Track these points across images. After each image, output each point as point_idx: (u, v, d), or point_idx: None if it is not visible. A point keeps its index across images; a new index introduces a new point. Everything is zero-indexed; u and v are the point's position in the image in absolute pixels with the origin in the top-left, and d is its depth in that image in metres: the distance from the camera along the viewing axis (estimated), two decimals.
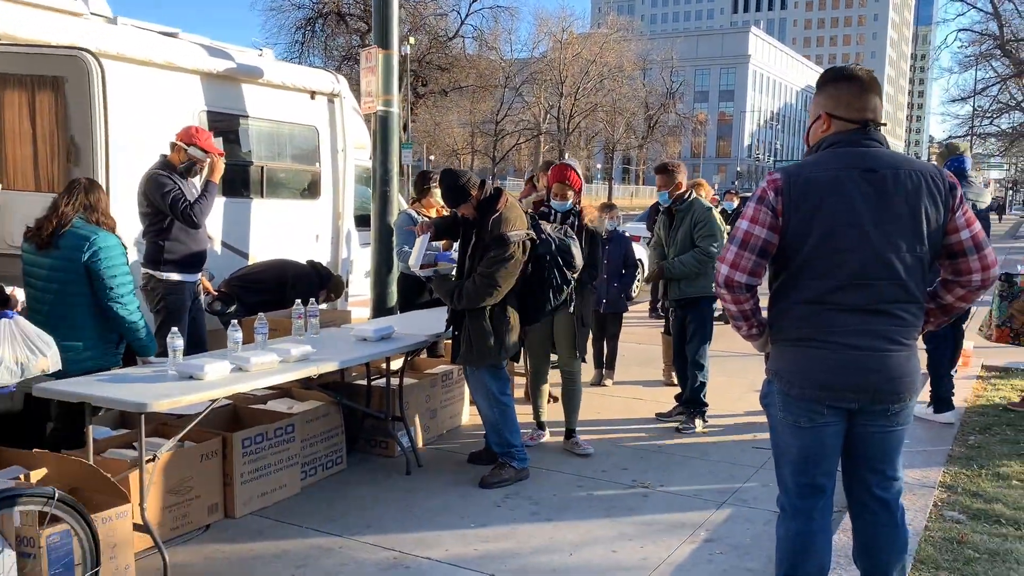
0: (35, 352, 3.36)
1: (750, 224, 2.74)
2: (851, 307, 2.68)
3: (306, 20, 35.28)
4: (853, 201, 2.65)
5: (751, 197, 2.82)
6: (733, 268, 2.77)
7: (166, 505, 3.89)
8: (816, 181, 2.69)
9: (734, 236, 2.79)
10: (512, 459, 4.82)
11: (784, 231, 2.71)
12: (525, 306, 4.83)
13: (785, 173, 2.75)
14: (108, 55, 5.26)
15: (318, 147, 7.40)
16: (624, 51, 50.75)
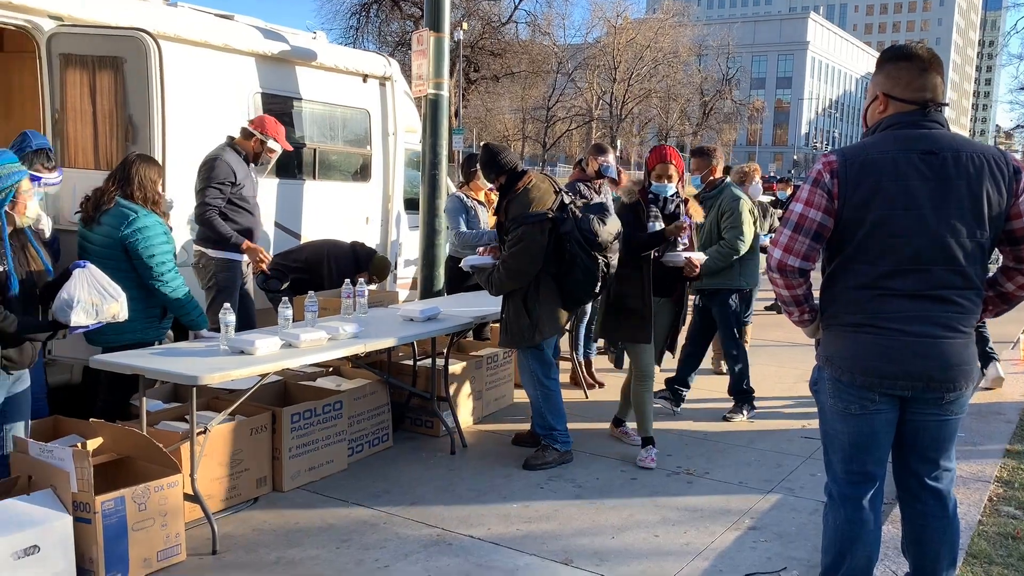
0: (107, 297, 3.50)
1: (804, 207, 2.69)
2: (906, 293, 2.61)
3: (361, 5, 35.50)
4: (910, 184, 2.58)
5: (805, 179, 2.75)
6: (786, 252, 2.72)
7: (216, 477, 3.97)
8: (873, 163, 2.62)
9: (787, 219, 2.73)
10: (555, 442, 4.81)
11: (839, 214, 2.65)
12: (562, 288, 4.70)
13: (841, 155, 2.68)
14: (166, 36, 5.35)
15: (369, 130, 7.45)
16: (679, 36, 50.08)
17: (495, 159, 4.71)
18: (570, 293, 4.72)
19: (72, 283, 3.45)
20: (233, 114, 6.05)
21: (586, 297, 4.80)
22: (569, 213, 4.62)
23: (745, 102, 63.85)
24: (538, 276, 4.62)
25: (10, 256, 3.30)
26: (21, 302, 3.33)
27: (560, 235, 4.58)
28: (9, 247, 3.30)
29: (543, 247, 4.55)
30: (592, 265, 4.61)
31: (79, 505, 3.22)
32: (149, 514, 3.37)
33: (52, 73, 5.06)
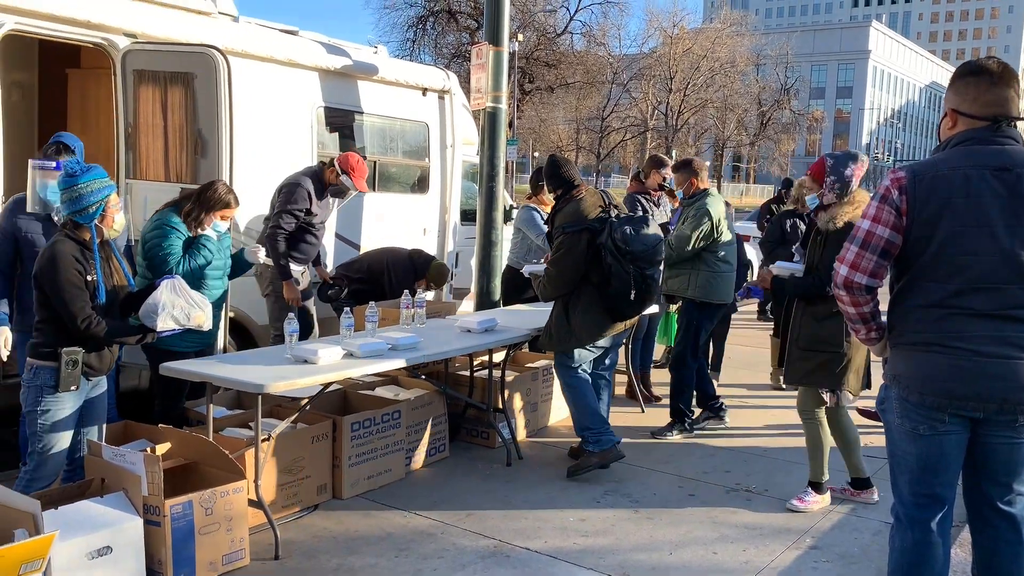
0: (194, 306, 3.64)
1: (872, 223, 2.66)
2: (978, 312, 2.55)
3: (418, 18, 36.03)
4: (982, 201, 2.53)
5: (873, 195, 2.72)
6: (853, 269, 2.69)
7: (278, 483, 4.06)
8: (943, 179, 2.57)
9: (854, 236, 2.70)
10: (587, 443, 4.78)
11: (908, 231, 2.61)
12: (604, 299, 4.68)
13: (910, 171, 2.64)
14: (234, 52, 5.51)
15: (428, 143, 7.54)
16: (737, 46, 49.54)
17: (557, 171, 4.85)
18: (611, 304, 4.70)
19: (159, 291, 3.61)
20: (296, 128, 6.19)
21: (627, 309, 4.71)
22: (607, 224, 4.64)
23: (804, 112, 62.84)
24: (581, 285, 4.68)
25: (99, 267, 3.45)
26: (105, 311, 3.47)
27: (597, 245, 4.63)
28: (99, 258, 3.45)
29: (581, 256, 4.63)
30: (625, 275, 4.57)
31: (149, 508, 3.32)
32: (215, 518, 3.46)
33: (126, 89, 5.24)
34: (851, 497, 4.52)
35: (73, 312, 3.37)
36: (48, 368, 3.44)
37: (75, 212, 3.47)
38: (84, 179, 3.46)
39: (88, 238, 3.48)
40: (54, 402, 3.46)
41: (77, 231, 3.48)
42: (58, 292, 3.38)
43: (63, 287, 3.37)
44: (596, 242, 4.62)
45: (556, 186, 4.84)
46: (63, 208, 3.50)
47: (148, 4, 5.52)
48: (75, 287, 3.39)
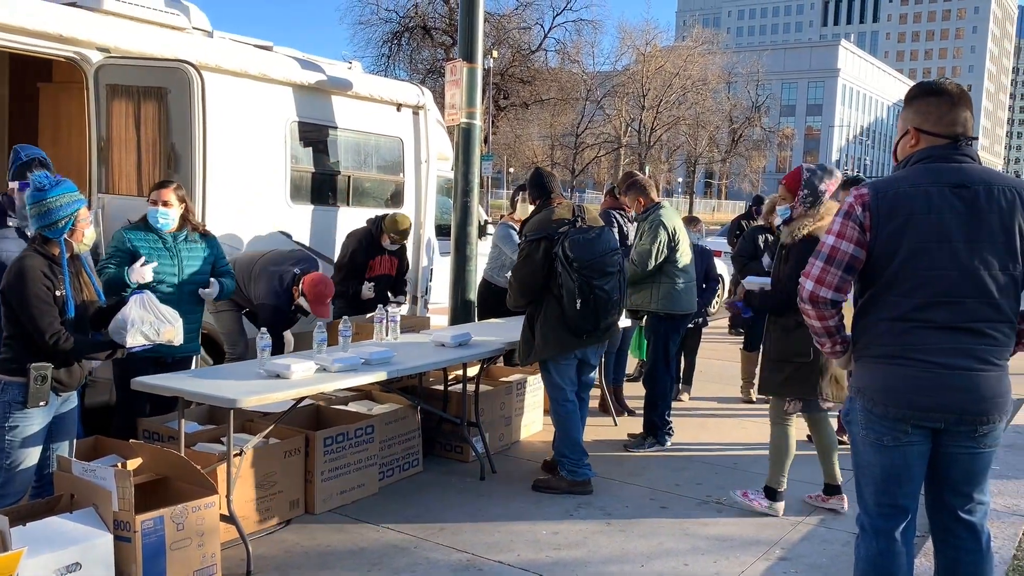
0: (164, 321, 3.62)
1: (836, 239, 2.72)
2: (939, 325, 2.62)
3: (393, 34, 36.07)
4: (943, 217, 2.61)
5: (837, 212, 2.79)
6: (818, 284, 2.75)
7: (251, 498, 4.04)
8: (905, 196, 2.65)
9: (819, 251, 2.77)
10: (563, 468, 4.81)
11: (871, 247, 2.68)
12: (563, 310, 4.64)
13: (873, 188, 2.71)
14: (207, 67, 5.50)
15: (402, 158, 7.57)
16: (709, 64, 50.11)
17: (540, 180, 4.96)
18: (566, 316, 4.63)
19: (128, 307, 3.59)
20: (270, 142, 6.19)
21: (580, 322, 4.62)
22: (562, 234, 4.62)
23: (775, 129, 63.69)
24: (545, 298, 4.69)
25: (68, 281, 3.42)
26: (75, 326, 3.45)
27: (551, 255, 4.65)
28: (68, 273, 3.43)
29: (539, 264, 4.64)
30: (571, 284, 4.55)
31: (120, 524, 3.29)
32: (186, 534, 3.44)
33: (99, 103, 5.23)
34: (821, 503, 4.59)
35: (41, 327, 3.35)
36: (16, 384, 3.41)
37: (44, 226, 3.44)
38: (53, 193, 3.44)
39: (57, 252, 3.45)
40: (22, 418, 3.43)
41: (46, 245, 3.45)
42: (26, 307, 3.35)
43: (31, 302, 3.35)
44: (552, 252, 4.63)
45: (536, 196, 4.92)
46: (32, 222, 3.48)
47: (121, 19, 5.51)
48: (43, 302, 3.36)
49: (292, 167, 6.40)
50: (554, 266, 4.62)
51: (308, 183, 6.71)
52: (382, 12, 36.31)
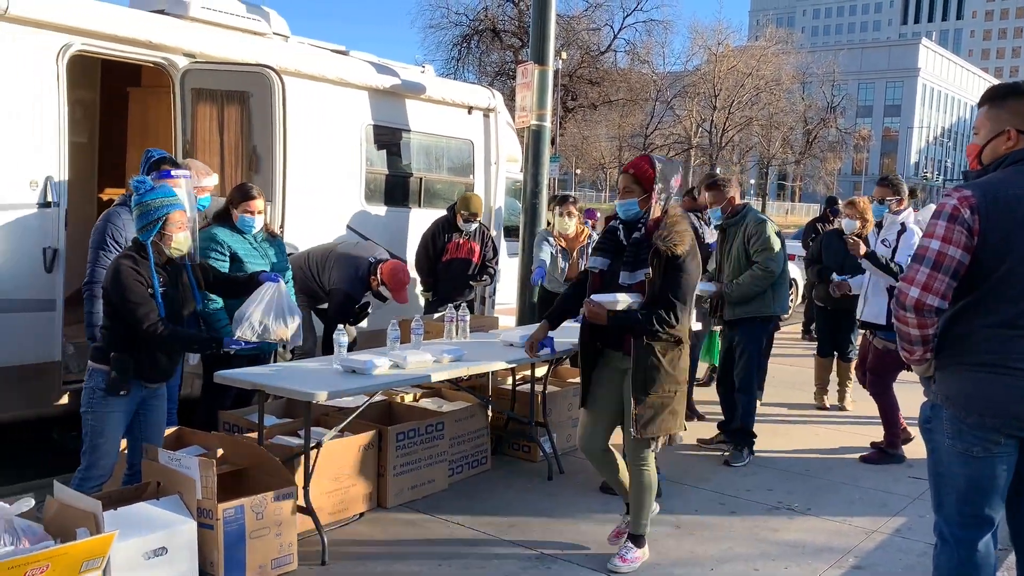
0: (281, 321, 3.75)
1: (943, 243, 2.60)
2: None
3: (463, 37, 36.37)
4: None
5: (936, 214, 2.65)
6: (925, 291, 2.62)
7: (326, 491, 4.15)
8: (1013, 199, 2.56)
9: (923, 256, 2.64)
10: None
11: (978, 251, 2.59)
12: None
13: (979, 190, 2.61)
14: (287, 71, 5.68)
15: (472, 160, 7.66)
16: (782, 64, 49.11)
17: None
18: None
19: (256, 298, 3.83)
20: (346, 145, 6.35)
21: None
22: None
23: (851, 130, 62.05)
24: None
25: (157, 284, 3.55)
26: None
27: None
28: (156, 276, 3.56)
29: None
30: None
31: (203, 511, 3.43)
32: (265, 523, 3.56)
33: (185, 106, 5.44)
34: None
35: (139, 317, 3.51)
36: (102, 371, 3.58)
37: (139, 228, 3.61)
38: (147, 197, 3.59)
39: (146, 254, 3.58)
40: (103, 404, 3.59)
41: (140, 249, 3.61)
42: (125, 302, 3.51)
43: (128, 297, 3.50)
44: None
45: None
46: (134, 224, 3.65)
47: (206, 25, 5.73)
48: (139, 295, 3.51)
49: (367, 169, 6.54)
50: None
51: (382, 184, 6.86)
52: (452, 15, 36.67)
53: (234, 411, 4.72)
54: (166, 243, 3.61)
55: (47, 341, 4.94)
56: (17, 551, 2.80)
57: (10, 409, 4.87)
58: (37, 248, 4.86)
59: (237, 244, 4.69)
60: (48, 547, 2.80)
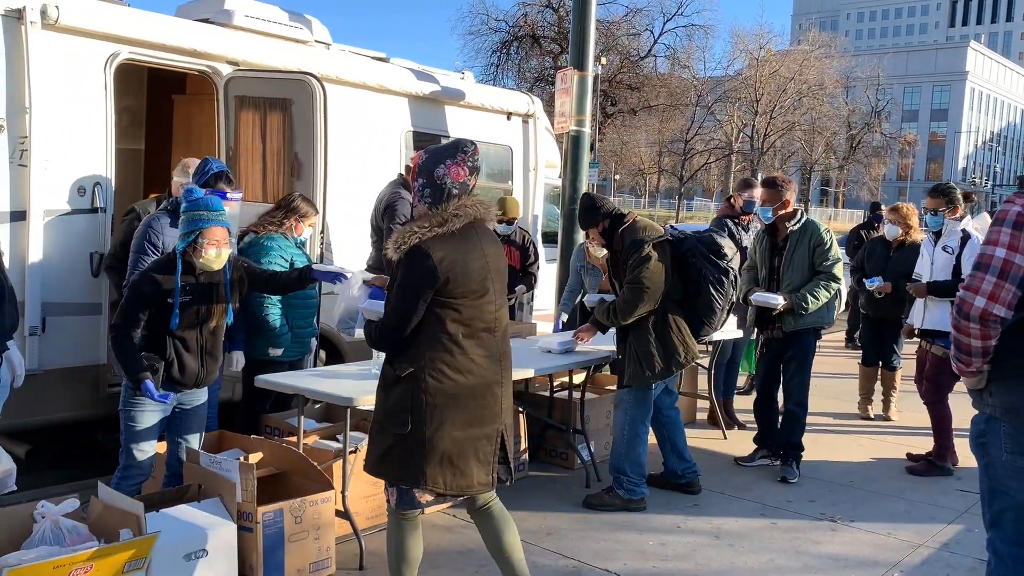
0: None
1: (1009, 251, 2.51)
2: None
3: (502, 43, 36.51)
4: None
5: (998, 221, 2.57)
6: (991, 300, 2.52)
7: (364, 495, 4.16)
8: None
9: (987, 264, 2.54)
10: (620, 486, 4.65)
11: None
12: (691, 312, 4.63)
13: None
14: (329, 79, 5.73)
15: (512, 166, 7.66)
16: (825, 68, 48.46)
17: (596, 206, 4.69)
18: (694, 316, 4.62)
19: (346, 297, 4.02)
20: (386, 152, 6.38)
21: (711, 318, 4.65)
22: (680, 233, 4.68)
23: (896, 135, 61.00)
24: (663, 306, 4.53)
25: (179, 293, 3.57)
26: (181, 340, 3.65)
27: (682, 254, 4.57)
28: (179, 285, 3.58)
29: (668, 268, 4.51)
30: (720, 276, 4.60)
31: (243, 514, 3.46)
32: (304, 527, 3.58)
33: (228, 114, 5.52)
34: None
35: (116, 317, 3.60)
36: None
37: (180, 236, 3.62)
38: (190, 208, 3.61)
39: (175, 261, 3.59)
40: (136, 404, 3.63)
41: (173, 254, 3.64)
42: (123, 294, 3.61)
43: (127, 291, 3.63)
44: (681, 251, 4.59)
45: (601, 219, 4.65)
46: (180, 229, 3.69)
47: (249, 33, 5.81)
48: (133, 296, 3.57)
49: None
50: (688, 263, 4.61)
51: None
52: (492, 22, 36.85)
53: (274, 415, 4.76)
54: (197, 255, 3.59)
55: (94, 344, 5.03)
56: (62, 550, 2.85)
57: (59, 411, 4.96)
58: (84, 253, 4.95)
59: (292, 250, 4.78)
60: (92, 547, 2.84)
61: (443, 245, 2.96)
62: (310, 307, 4.89)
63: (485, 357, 3.07)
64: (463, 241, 3.02)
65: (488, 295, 3.08)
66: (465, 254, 3.01)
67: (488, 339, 3.09)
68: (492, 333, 3.10)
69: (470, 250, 3.03)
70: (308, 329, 4.88)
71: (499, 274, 3.15)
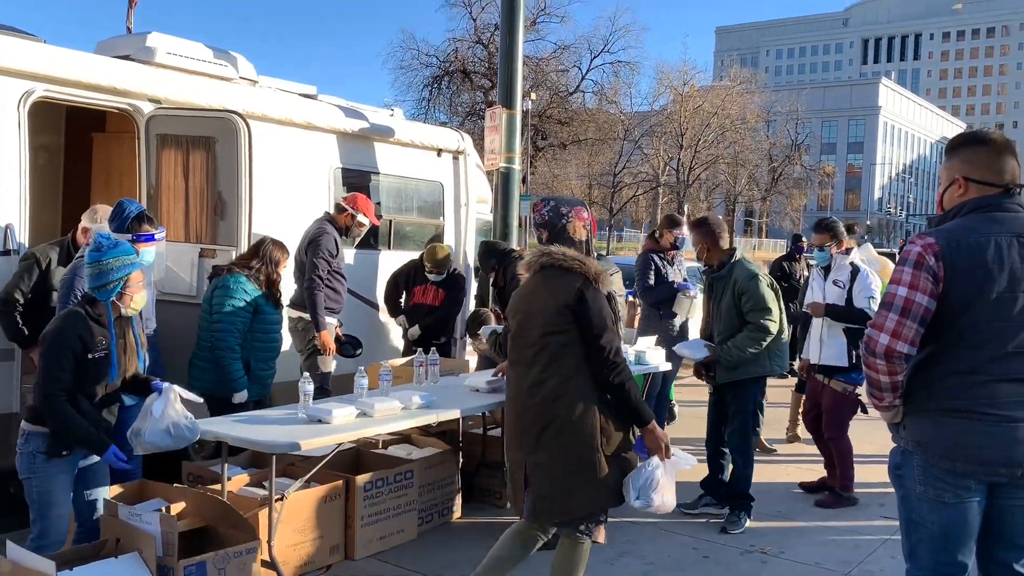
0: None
1: (910, 290, 2.61)
2: (1012, 378, 2.58)
3: (433, 78, 36.72)
4: (1014, 268, 2.57)
5: (902, 261, 2.68)
6: (895, 337, 2.62)
7: (292, 543, 4.05)
8: (976, 246, 2.59)
9: (891, 303, 2.65)
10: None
11: (943, 298, 2.60)
12: None
13: (943, 237, 2.63)
14: (254, 116, 5.65)
15: (442, 202, 7.66)
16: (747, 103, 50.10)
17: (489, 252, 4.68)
18: None
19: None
20: (314, 189, 6.32)
21: None
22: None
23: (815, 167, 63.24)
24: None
25: (114, 343, 3.45)
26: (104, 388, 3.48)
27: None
28: (114, 335, 3.46)
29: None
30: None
31: (163, 569, 3.33)
32: None
33: (150, 152, 5.40)
34: None
35: (42, 380, 3.32)
36: (40, 433, 3.39)
37: (95, 287, 3.46)
38: (110, 255, 3.47)
39: (103, 314, 3.46)
40: (46, 468, 3.40)
41: (93, 306, 3.46)
42: (44, 356, 3.35)
43: (48, 354, 3.35)
44: None
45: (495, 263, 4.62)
46: (87, 281, 3.51)
47: (172, 71, 5.71)
48: (60, 358, 3.33)
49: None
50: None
51: None
52: (423, 57, 37.05)
53: (198, 462, 4.62)
54: (125, 303, 3.49)
55: (5, 392, 4.81)
56: None
57: None
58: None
59: (257, 295, 4.79)
60: None
61: None
62: (271, 350, 4.94)
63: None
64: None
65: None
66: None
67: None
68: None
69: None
70: (268, 372, 4.95)
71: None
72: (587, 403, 3.26)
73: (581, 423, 3.24)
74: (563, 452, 3.25)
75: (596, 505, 3.32)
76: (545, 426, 3.28)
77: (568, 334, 3.28)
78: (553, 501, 3.31)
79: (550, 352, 3.28)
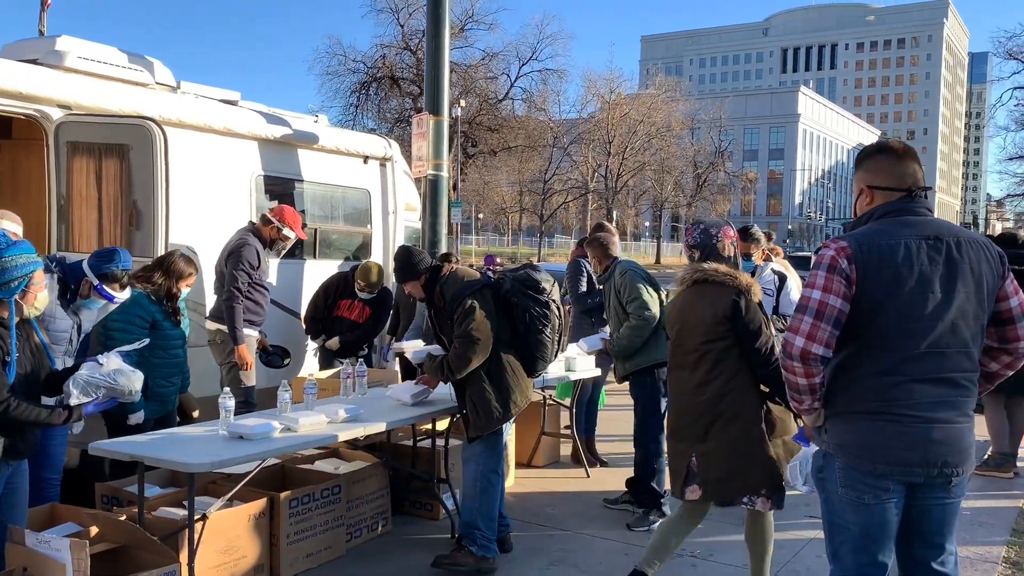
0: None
1: (823, 293, 2.65)
2: (926, 378, 2.62)
3: (361, 84, 36.41)
4: (923, 269, 2.62)
5: (817, 264, 2.71)
6: (810, 340, 2.65)
7: (214, 565, 3.91)
8: (887, 249, 2.64)
9: (805, 306, 2.68)
10: (473, 542, 4.35)
11: (856, 300, 2.65)
12: (524, 351, 4.47)
13: (855, 240, 2.68)
14: (170, 123, 5.48)
15: (370, 209, 7.56)
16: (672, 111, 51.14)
17: (413, 262, 4.51)
18: (527, 356, 4.46)
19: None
20: (234, 197, 6.15)
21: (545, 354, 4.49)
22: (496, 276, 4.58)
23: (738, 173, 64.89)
24: (495, 349, 4.33)
25: (15, 346, 3.28)
26: (23, 393, 3.31)
27: (504, 296, 4.43)
28: (15, 336, 3.29)
29: (494, 313, 4.36)
30: (542, 311, 4.42)
31: None
32: None
33: (59, 160, 5.17)
34: None
35: None
36: None
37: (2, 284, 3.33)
38: (11, 252, 3.31)
39: (6, 315, 3.29)
40: None
41: None
42: None
43: None
44: (502, 293, 4.43)
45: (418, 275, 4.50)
46: None
47: (83, 75, 5.49)
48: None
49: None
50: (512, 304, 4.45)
51: None
52: (349, 63, 36.71)
53: (112, 483, 4.43)
54: (28, 301, 3.33)
55: None
56: None
57: None
58: None
59: (156, 312, 4.60)
60: None
61: None
62: (172, 366, 4.72)
63: None
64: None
65: None
66: None
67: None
68: None
69: None
70: (170, 388, 4.75)
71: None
72: (749, 397, 3.76)
73: (745, 415, 3.73)
74: (731, 441, 3.72)
75: (761, 484, 3.77)
76: (714, 419, 3.74)
77: (727, 340, 3.75)
78: (721, 483, 3.77)
79: (713, 356, 3.76)
